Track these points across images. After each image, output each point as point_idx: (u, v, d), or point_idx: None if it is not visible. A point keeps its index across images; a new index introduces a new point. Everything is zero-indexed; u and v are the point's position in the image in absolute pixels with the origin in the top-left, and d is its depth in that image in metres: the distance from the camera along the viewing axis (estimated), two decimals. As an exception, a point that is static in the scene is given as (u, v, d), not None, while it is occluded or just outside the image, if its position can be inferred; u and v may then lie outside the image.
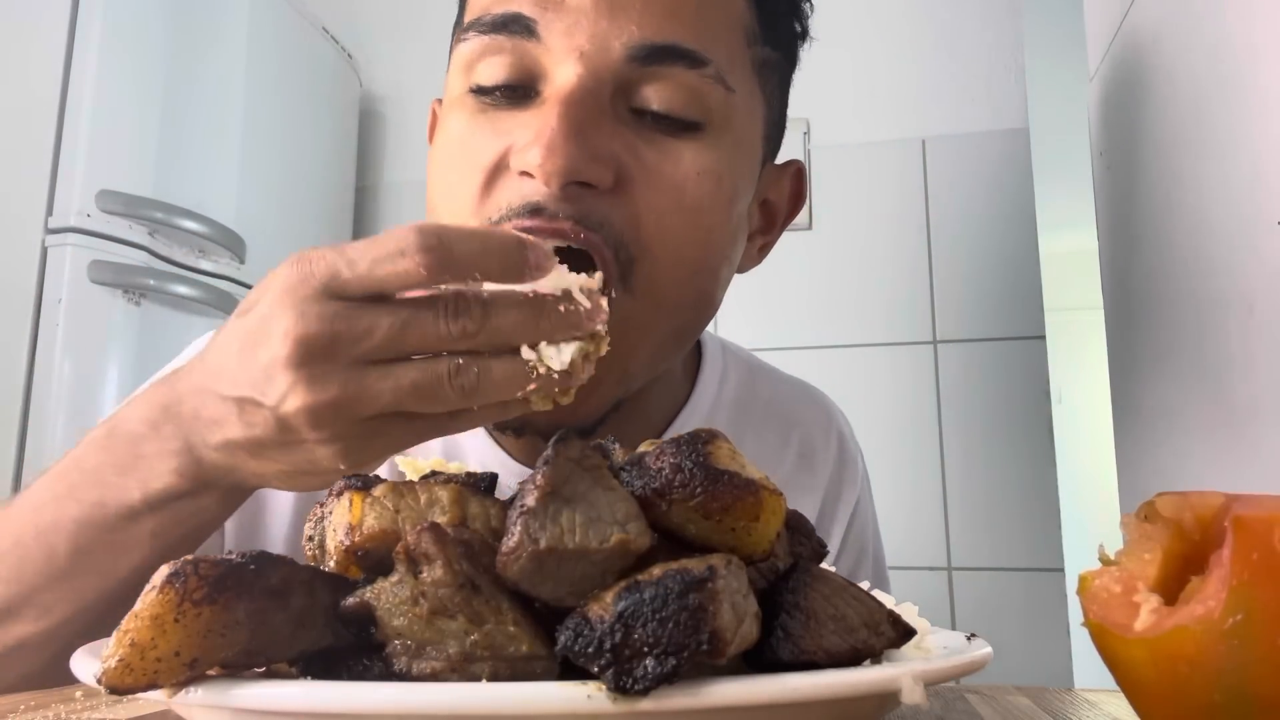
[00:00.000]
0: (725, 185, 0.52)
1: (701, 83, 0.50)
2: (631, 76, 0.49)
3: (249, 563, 0.25)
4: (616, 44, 0.48)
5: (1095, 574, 0.29)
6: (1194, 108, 0.67)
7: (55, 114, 1.23)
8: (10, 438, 1.16)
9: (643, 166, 0.49)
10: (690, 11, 0.50)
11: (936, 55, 1.64)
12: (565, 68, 0.48)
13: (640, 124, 0.50)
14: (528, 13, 0.49)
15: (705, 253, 0.53)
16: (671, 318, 0.53)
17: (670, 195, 0.50)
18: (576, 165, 0.46)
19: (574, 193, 0.47)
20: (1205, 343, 0.66)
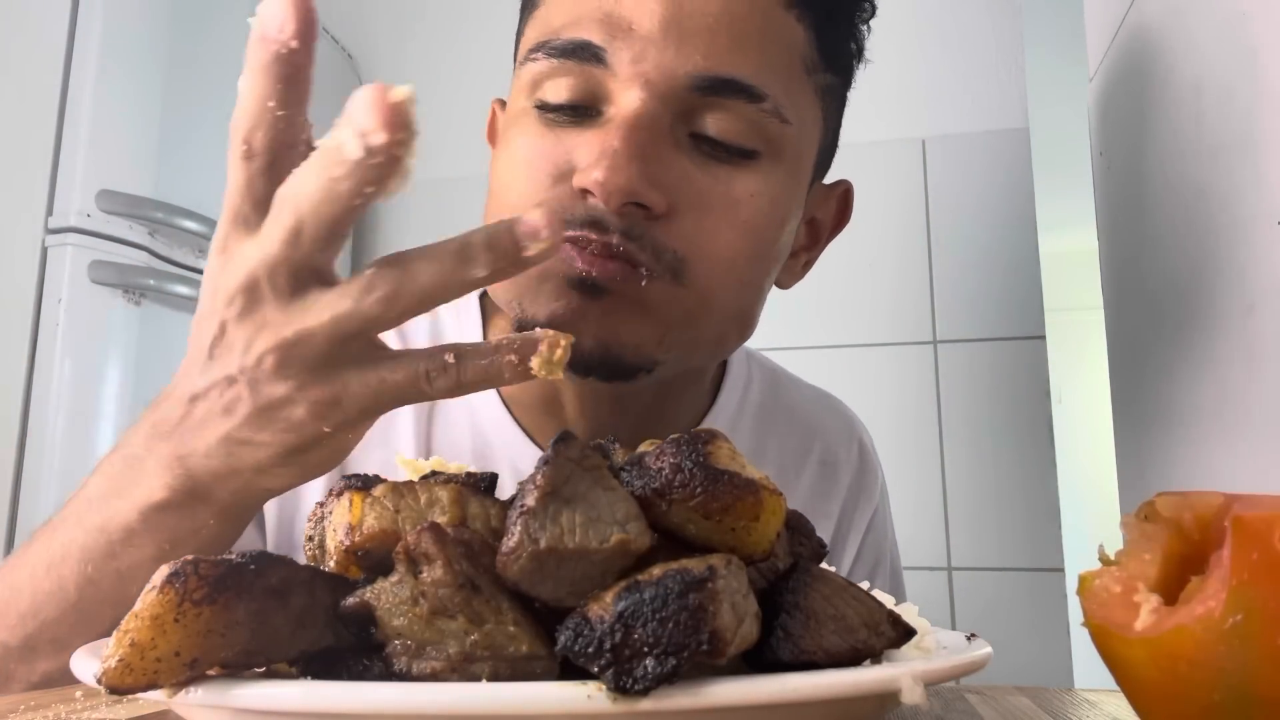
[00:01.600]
0: (778, 209, 0.55)
1: (759, 116, 0.52)
2: (692, 104, 0.52)
3: (249, 563, 0.25)
4: (681, 73, 0.50)
5: (1095, 574, 0.29)
6: (1194, 107, 0.67)
7: (55, 114, 1.23)
8: (10, 438, 1.16)
9: (696, 192, 0.52)
10: (752, 46, 0.52)
11: (936, 55, 1.64)
12: (630, 94, 0.50)
13: (697, 150, 0.52)
14: (597, 41, 0.51)
15: (754, 268, 0.55)
16: (717, 321, 0.55)
17: (722, 215, 0.52)
18: (636, 187, 0.49)
19: (629, 212, 0.50)
20: (1205, 343, 0.66)
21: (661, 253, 0.51)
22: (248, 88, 0.38)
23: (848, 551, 0.72)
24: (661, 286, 0.51)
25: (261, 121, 0.38)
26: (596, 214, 0.50)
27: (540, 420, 0.62)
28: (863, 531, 0.73)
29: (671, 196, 0.51)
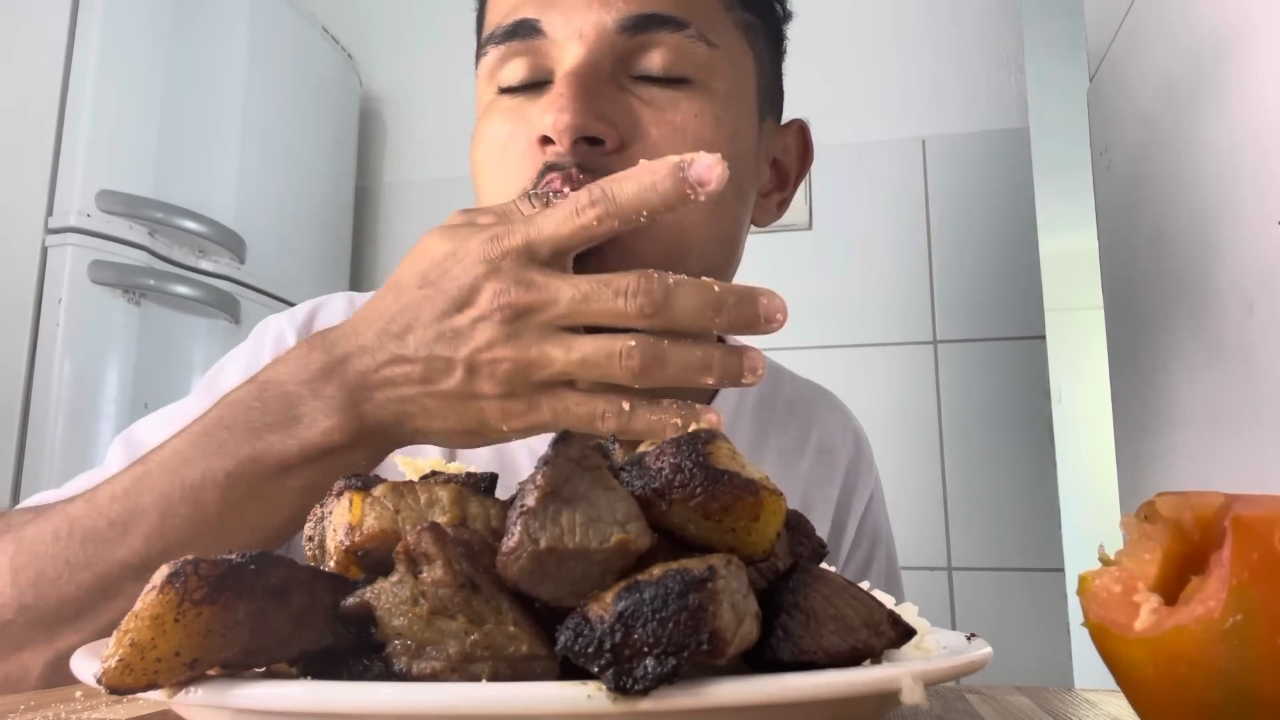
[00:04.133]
0: (723, 124, 0.59)
1: (685, 42, 0.57)
2: (626, 47, 0.57)
3: (249, 563, 0.25)
4: (609, 21, 0.56)
5: (1095, 574, 0.29)
6: (1194, 107, 0.67)
7: (55, 114, 1.23)
8: (10, 438, 1.16)
9: (644, 122, 0.56)
10: None
11: (936, 55, 1.64)
12: (569, 49, 0.56)
13: (641, 86, 0.57)
14: (531, 15, 0.57)
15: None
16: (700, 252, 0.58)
17: (673, 136, 0.56)
18: (583, 121, 0.53)
19: (583, 149, 0.54)
20: (1205, 343, 0.66)
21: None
22: (644, 186, 0.42)
23: (847, 534, 0.75)
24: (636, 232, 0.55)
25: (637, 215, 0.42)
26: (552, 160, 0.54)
27: None
28: (860, 514, 0.76)
29: (621, 131, 0.55)
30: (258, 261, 1.49)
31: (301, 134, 1.64)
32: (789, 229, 1.63)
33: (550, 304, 0.41)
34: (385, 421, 0.45)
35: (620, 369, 0.41)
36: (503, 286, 0.42)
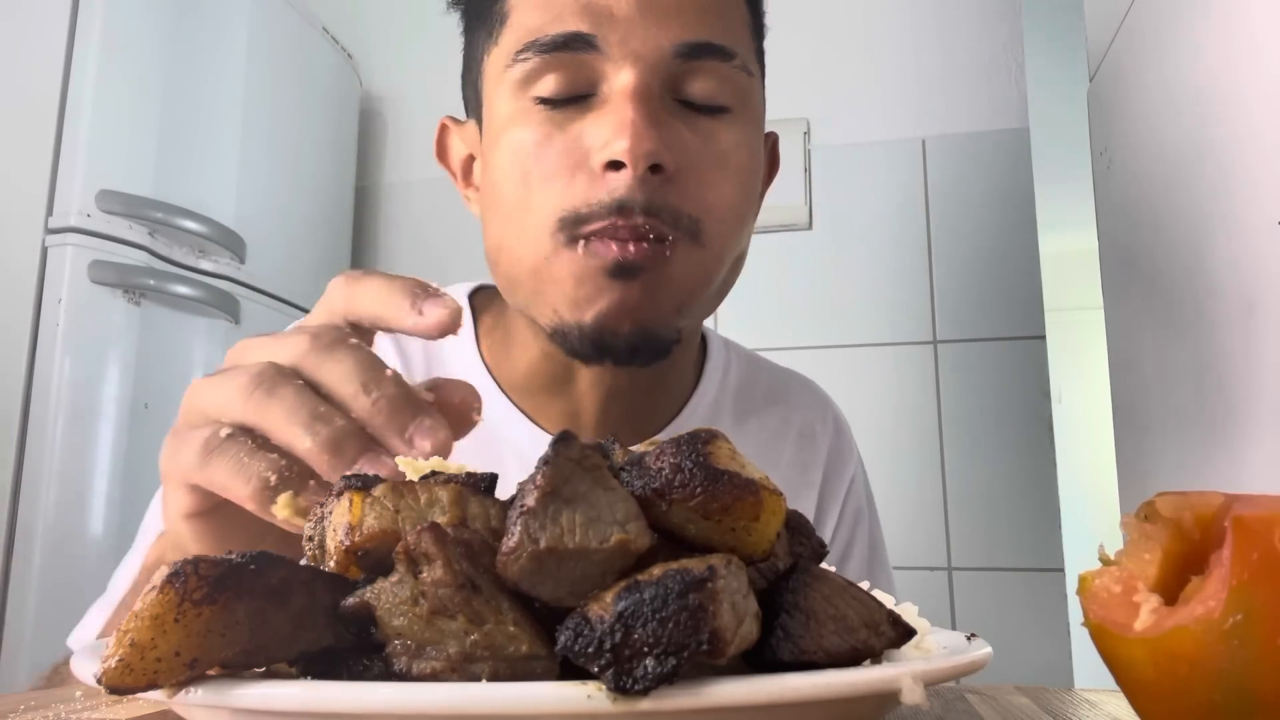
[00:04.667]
0: (755, 155, 0.62)
1: (731, 72, 0.59)
2: (676, 72, 0.57)
3: (249, 563, 0.25)
4: (665, 45, 0.56)
5: (1095, 574, 0.29)
6: (1194, 108, 0.67)
7: (55, 114, 1.23)
8: (10, 438, 1.16)
9: (693, 151, 0.57)
10: (715, 14, 0.59)
11: (936, 55, 1.64)
12: (625, 70, 0.56)
13: (683, 111, 0.58)
14: (587, 30, 0.56)
15: (746, 212, 0.62)
16: (725, 266, 0.61)
17: (717, 168, 0.58)
18: (657, 148, 0.54)
19: (648, 177, 0.55)
20: (1205, 343, 0.66)
21: (679, 217, 0.56)
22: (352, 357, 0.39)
23: (830, 518, 0.76)
24: (683, 251, 0.57)
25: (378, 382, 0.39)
26: (619, 196, 0.54)
27: (544, 401, 0.67)
28: (843, 496, 0.77)
29: (675, 158, 0.56)
30: (258, 261, 1.49)
31: (301, 134, 1.64)
32: (789, 229, 1.63)
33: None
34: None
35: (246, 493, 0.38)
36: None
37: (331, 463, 0.36)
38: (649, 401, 0.68)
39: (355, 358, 0.38)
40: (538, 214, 0.57)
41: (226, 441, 0.38)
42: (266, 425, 0.37)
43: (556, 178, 0.56)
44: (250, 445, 0.37)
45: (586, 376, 0.64)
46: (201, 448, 0.38)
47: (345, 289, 0.41)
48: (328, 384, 0.38)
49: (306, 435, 0.36)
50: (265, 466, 0.37)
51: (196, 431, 0.38)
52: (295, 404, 0.37)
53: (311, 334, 0.39)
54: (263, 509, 0.37)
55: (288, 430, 0.36)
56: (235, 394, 0.37)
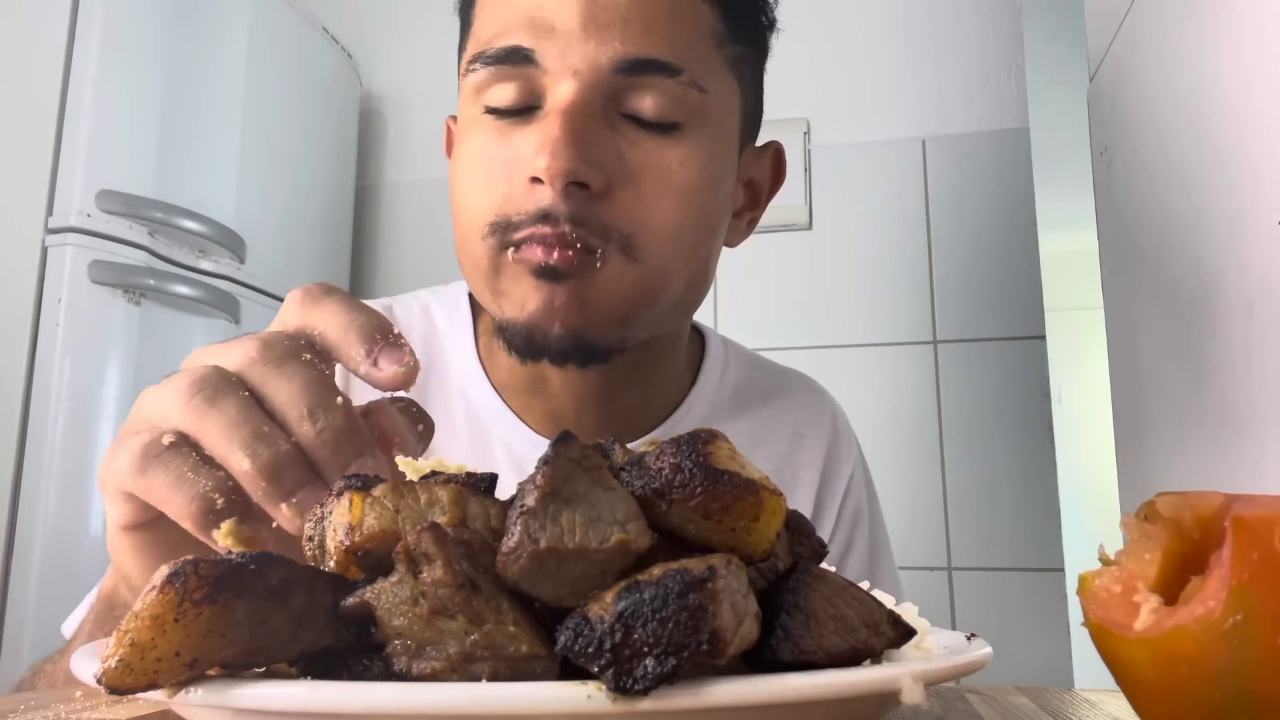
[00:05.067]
0: (709, 170, 0.60)
1: (678, 88, 0.57)
2: (618, 86, 0.57)
3: (249, 563, 0.25)
4: (604, 60, 0.56)
5: (1095, 574, 0.29)
6: (1194, 107, 0.67)
7: (55, 114, 1.23)
8: (10, 438, 1.16)
9: (630, 168, 0.57)
10: (664, 27, 0.57)
11: (936, 55, 1.64)
12: (562, 85, 0.56)
13: (628, 126, 0.58)
14: (525, 44, 0.56)
15: (697, 231, 0.60)
16: (674, 289, 0.60)
17: (658, 184, 0.57)
18: (575, 167, 0.54)
19: (573, 192, 0.55)
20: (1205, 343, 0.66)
21: (609, 232, 0.56)
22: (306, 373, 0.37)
23: (829, 515, 0.76)
24: (616, 266, 0.57)
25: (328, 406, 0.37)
26: (544, 206, 0.55)
27: (528, 401, 0.68)
28: (842, 495, 0.77)
29: (609, 174, 0.56)
30: (258, 261, 1.49)
31: (301, 134, 1.64)
32: (789, 229, 1.63)
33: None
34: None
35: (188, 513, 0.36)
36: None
37: (267, 491, 0.34)
38: (635, 402, 0.68)
39: (305, 378, 0.36)
40: (474, 217, 0.58)
41: (168, 451, 0.35)
42: (203, 435, 0.35)
43: (494, 184, 0.57)
44: (194, 459, 0.35)
45: (556, 378, 0.65)
46: (139, 455, 0.35)
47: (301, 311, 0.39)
48: (274, 401, 0.36)
49: (245, 456, 0.34)
50: (211, 486, 0.35)
51: (136, 437, 0.36)
52: (236, 418, 0.35)
53: (263, 340, 0.37)
54: (202, 531, 0.35)
55: (225, 445, 0.35)
56: (174, 398, 0.36)
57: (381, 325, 0.38)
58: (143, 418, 0.38)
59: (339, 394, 0.36)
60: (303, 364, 0.37)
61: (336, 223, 1.77)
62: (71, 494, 1.18)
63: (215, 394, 0.35)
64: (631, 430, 0.68)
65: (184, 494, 0.35)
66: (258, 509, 0.35)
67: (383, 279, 1.85)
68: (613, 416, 0.67)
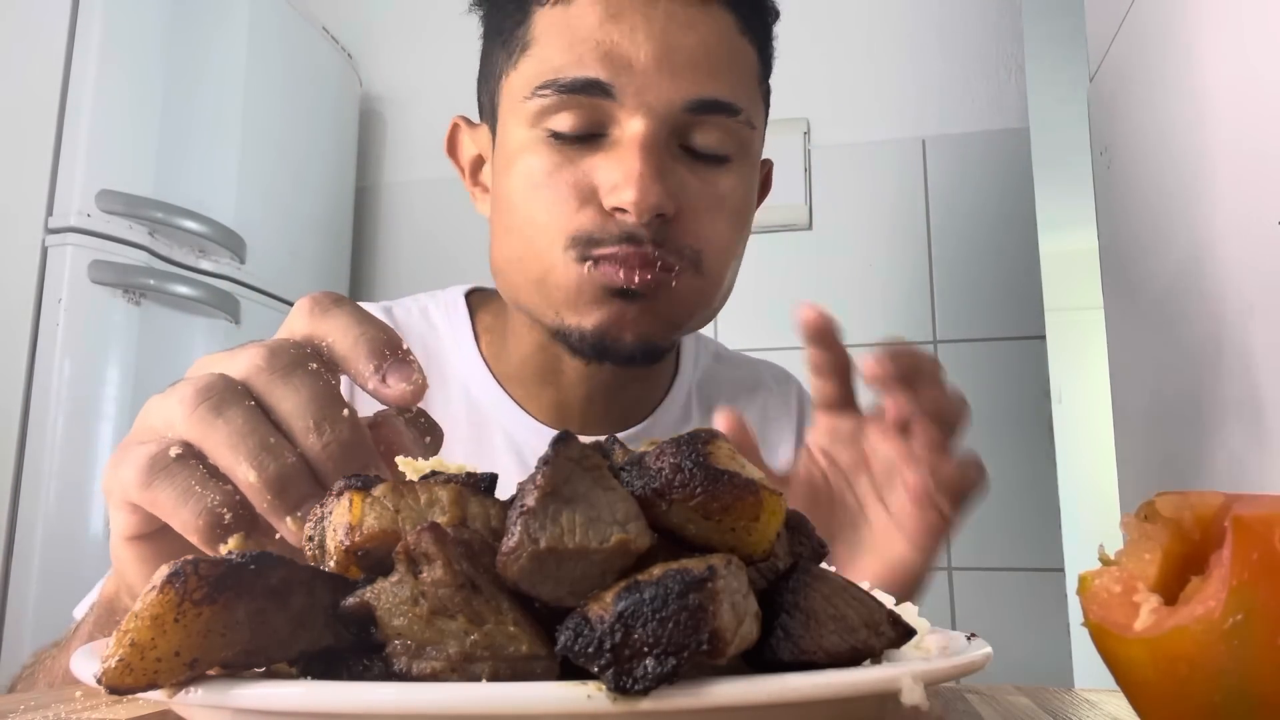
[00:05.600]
0: (750, 197, 0.67)
1: (736, 126, 0.63)
2: (684, 123, 0.62)
3: (249, 563, 0.25)
4: (677, 99, 0.60)
5: (1095, 574, 0.29)
6: (1194, 107, 0.67)
7: (55, 114, 1.23)
8: (10, 438, 1.16)
9: (694, 195, 0.62)
10: (725, 71, 0.62)
11: (936, 55, 1.64)
12: (637, 120, 0.60)
13: (688, 159, 0.63)
14: (605, 78, 0.60)
15: (740, 247, 0.68)
16: (719, 293, 0.67)
17: (717, 210, 0.64)
18: (660, 201, 0.59)
19: (653, 221, 0.60)
20: (1205, 342, 0.66)
21: (683, 250, 0.62)
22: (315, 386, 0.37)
23: None
24: (687, 279, 0.63)
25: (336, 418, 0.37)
26: (627, 229, 0.60)
27: (535, 391, 0.72)
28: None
29: (678, 201, 0.61)
30: (258, 261, 1.49)
31: (301, 134, 1.64)
32: (789, 229, 1.63)
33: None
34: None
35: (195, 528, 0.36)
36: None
37: (273, 504, 0.34)
38: (632, 393, 0.73)
39: (313, 389, 0.36)
40: (548, 232, 0.61)
41: (175, 463, 0.35)
42: (209, 446, 0.35)
43: (567, 203, 0.61)
44: (201, 472, 0.35)
45: (573, 371, 0.69)
46: (146, 466, 0.35)
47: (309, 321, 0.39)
48: (280, 412, 0.35)
49: (252, 469, 0.34)
50: (219, 500, 0.34)
51: (141, 447, 0.36)
52: (243, 429, 0.34)
53: (269, 349, 0.37)
54: (209, 545, 0.34)
55: (231, 457, 0.34)
56: (179, 407, 0.35)
57: (391, 340, 0.38)
58: (148, 427, 0.37)
59: (346, 405, 0.36)
60: (310, 374, 0.36)
61: (336, 223, 1.77)
62: (71, 494, 1.18)
63: (221, 403, 0.35)
64: (625, 420, 0.73)
65: (191, 508, 0.34)
66: (263, 522, 0.35)
67: (383, 279, 1.85)
68: (614, 408, 0.72)
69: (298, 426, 0.35)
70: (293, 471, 0.34)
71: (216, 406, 0.35)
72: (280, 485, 0.34)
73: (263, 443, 0.34)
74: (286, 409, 0.35)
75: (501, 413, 0.72)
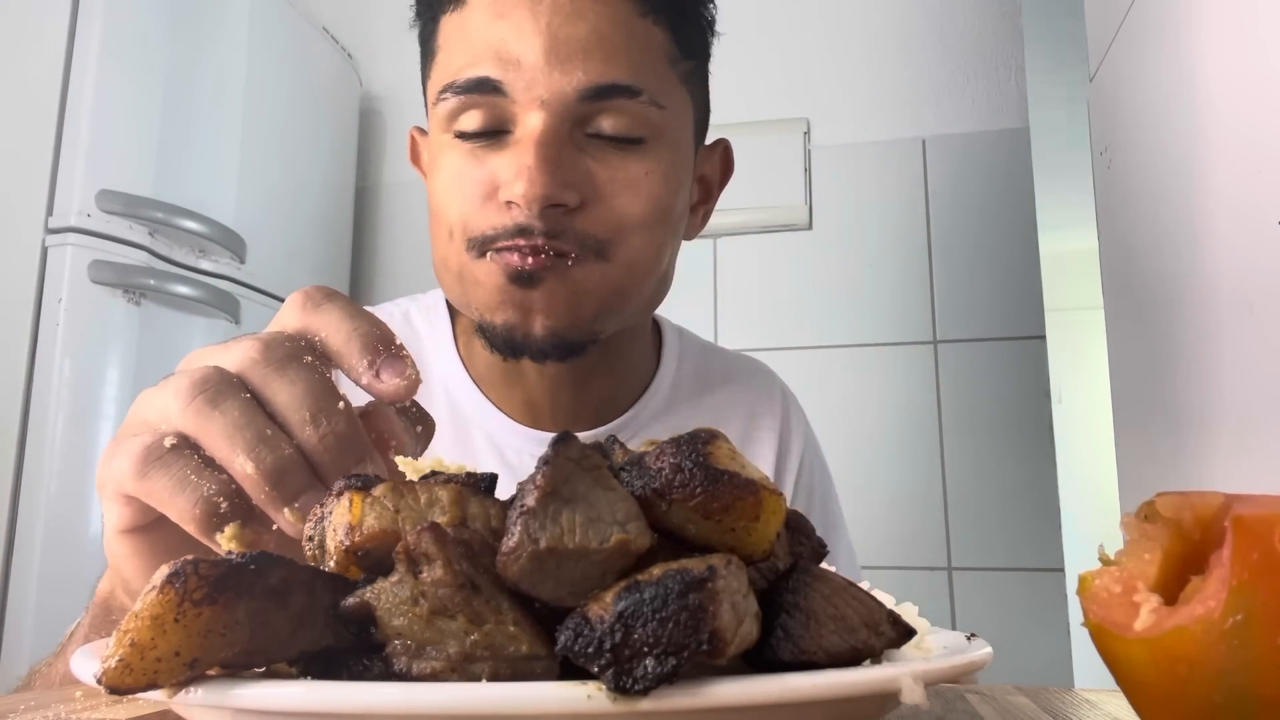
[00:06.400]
0: (670, 177, 0.65)
1: (639, 108, 0.62)
2: (583, 112, 0.61)
3: (249, 563, 0.25)
4: (569, 90, 0.60)
5: (1095, 574, 0.29)
6: (1194, 107, 0.67)
7: (55, 114, 1.23)
8: (10, 438, 1.16)
9: (599, 183, 0.62)
10: (621, 53, 0.62)
11: (936, 55, 1.64)
12: (531, 115, 0.60)
13: (595, 145, 0.62)
14: (493, 76, 0.60)
15: (662, 232, 0.66)
16: (642, 285, 0.66)
17: (627, 195, 0.62)
18: (550, 192, 0.59)
19: (549, 213, 0.60)
20: (1205, 343, 0.66)
21: (584, 239, 0.61)
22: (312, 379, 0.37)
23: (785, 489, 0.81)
24: (589, 267, 0.62)
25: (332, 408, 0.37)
26: (521, 223, 0.60)
27: (506, 392, 0.72)
28: (795, 472, 0.82)
29: (582, 191, 0.61)
30: (258, 261, 1.49)
31: (301, 134, 1.64)
32: (789, 229, 1.63)
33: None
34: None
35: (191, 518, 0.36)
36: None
37: (270, 496, 0.34)
38: (605, 388, 0.73)
39: (308, 381, 0.36)
40: (456, 233, 0.63)
41: (170, 454, 0.35)
42: (206, 438, 0.35)
43: (470, 201, 0.62)
44: (197, 462, 0.35)
45: (532, 371, 0.70)
46: (141, 457, 0.35)
47: (302, 315, 0.39)
48: (275, 403, 0.36)
49: (249, 460, 0.34)
50: (215, 490, 0.35)
51: (135, 439, 0.36)
52: (239, 421, 0.35)
53: (263, 342, 0.37)
54: (206, 534, 0.35)
55: (228, 449, 0.34)
56: (175, 399, 0.35)
57: (384, 335, 0.38)
58: (142, 420, 0.37)
59: (340, 398, 0.36)
60: (304, 367, 0.36)
61: (336, 223, 1.77)
62: (71, 494, 1.18)
63: (217, 395, 0.35)
64: (602, 416, 0.73)
65: (187, 497, 0.35)
66: (259, 512, 0.35)
67: (382, 279, 1.85)
68: (584, 404, 0.72)
69: (294, 419, 0.35)
70: (289, 463, 0.35)
71: (213, 399, 0.35)
72: (277, 476, 0.34)
73: (259, 435, 0.35)
74: (283, 401, 0.36)
75: (480, 414, 0.73)
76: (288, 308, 0.40)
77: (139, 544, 0.40)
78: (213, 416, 0.35)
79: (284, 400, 0.36)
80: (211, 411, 0.35)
